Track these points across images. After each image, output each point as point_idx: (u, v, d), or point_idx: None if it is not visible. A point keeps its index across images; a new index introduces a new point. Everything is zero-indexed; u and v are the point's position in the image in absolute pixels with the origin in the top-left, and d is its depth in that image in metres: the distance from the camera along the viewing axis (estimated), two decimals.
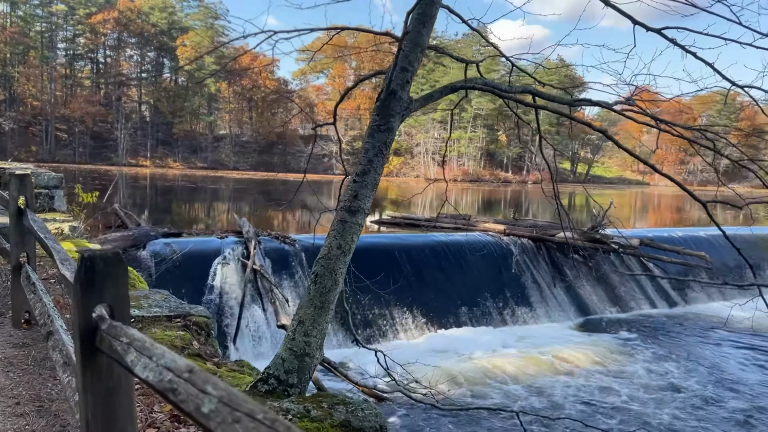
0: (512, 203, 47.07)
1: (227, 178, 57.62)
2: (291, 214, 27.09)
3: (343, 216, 3.15)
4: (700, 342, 12.55)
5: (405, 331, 11.50)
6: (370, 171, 3.21)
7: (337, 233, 3.13)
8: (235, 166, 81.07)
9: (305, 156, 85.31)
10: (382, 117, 3.20)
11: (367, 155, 3.17)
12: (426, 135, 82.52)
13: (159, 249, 10.26)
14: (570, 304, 13.81)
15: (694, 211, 46.59)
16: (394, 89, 3.22)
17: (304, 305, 2.99)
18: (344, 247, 3.12)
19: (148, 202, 27.49)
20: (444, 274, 12.81)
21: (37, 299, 3.01)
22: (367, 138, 3.20)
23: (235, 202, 32.56)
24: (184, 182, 46.23)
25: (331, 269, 3.06)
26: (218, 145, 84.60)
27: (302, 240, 11.95)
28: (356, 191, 3.15)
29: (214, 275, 10.32)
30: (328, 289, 3.06)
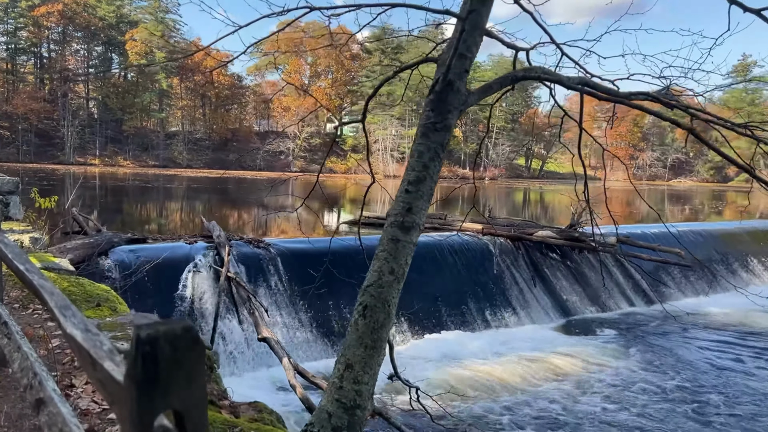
0: (470, 200, 47.09)
1: (181, 177, 55.92)
2: (247, 214, 26.19)
3: (395, 233, 2.59)
4: (683, 341, 12.43)
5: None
6: (425, 178, 2.65)
7: (388, 255, 2.57)
8: (189, 164, 78.99)
9: (260, 152, 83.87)
10: (438, 113, 2.64)
11: (421, 159, 2.61)
12: (384, 132, 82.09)
13: (123, 257, 9.45)
14: (551, 305, 13.52)
15: (643, 205, 47.59)
16: (451, 80, 2.67)
17: (352, 345, 2.43)
18: (397, 272, 2.56)
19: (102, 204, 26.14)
20: (425, 276, 12.33)
21: (14, 346, 2.33)
22: (419, 138, 2.64)
23: (195, 203, 31.41)
24: (137, 182, 44.55)
25: (384, 299, 2.50)
26: (170, 143, 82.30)
27: (277, 244, 11.29)
28: (409, 203, 2.60)
29: (185, 285, 9.56)
30: (381, 324, 2.50)
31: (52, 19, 75.09)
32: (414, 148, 2.67)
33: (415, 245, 2.66)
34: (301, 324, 10.27)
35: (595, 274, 15.05)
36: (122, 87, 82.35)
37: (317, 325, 10.42)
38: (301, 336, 10.10)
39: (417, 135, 2.68)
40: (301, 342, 10.01)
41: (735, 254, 18.98)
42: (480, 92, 2.79)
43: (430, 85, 2.74)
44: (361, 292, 2.58)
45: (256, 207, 29.96)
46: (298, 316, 10.33)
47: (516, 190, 64.36)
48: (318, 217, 25.37)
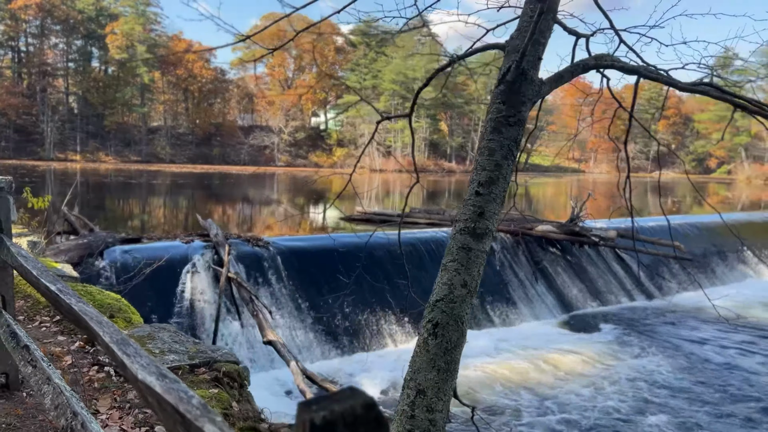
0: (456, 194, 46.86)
1: (165, 173, 55.14)
2: (231, 209, 25.75)
3: (466, 241, 2.31)
4: (686, 337, 12.31)
5: (391, 336, 10.71)
6: (498, 179, 2.37)
7: (459, 266, 2.29)
8: (172, 159, 77.95)
9: (244, 147, 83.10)
10: (510, 105, 2.36)
11: (493, 158, 2.34)
12: (370, 126, 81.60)
13: (118, 258, 9.08)
14: (553, 300, 13.34)
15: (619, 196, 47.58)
16: (525, 68, 2.39)
17: (422, 368, 2.15)
18: (470, 285, 2.29)
19: (87, 202, 25.54)
20: (427, 273, 12.06)
21: (41, 376, 2.02)
22: (489, 134, 2.36)
23: (183, 199, 30.86)
24: (120, 178, 43.79)
25: (456, 316, 2.23)
26: (153, 138, 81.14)
27: (276, 242, 10.96)
28: (482, 207, 2.32)
29: (183, 286, 9.22)
30: (455, 344, 2.22)
31: (30, 12, 73.51)
32: (483, 146, 2.39)
33: (487, 254, 2.39)
34: (303, 324, 9.98)
35: (594, 269, 14.92)
36: (103, 81, 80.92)
37: (319, 325, 10.13)
38: (302, 336, 9.81)
39: (486, 130, 2.40)
40: (304, 343, 9.72)
41: (730, 247, 18.96)
42: (552, 82, 2.52)
43: (499, 73, 2.46)
44: (429, 307, 2.30)
45: (245, 203, 29.53)
46: (299, 317, 10.03)
47: None
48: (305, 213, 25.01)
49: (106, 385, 3.11)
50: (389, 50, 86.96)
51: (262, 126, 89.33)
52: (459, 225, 2.37)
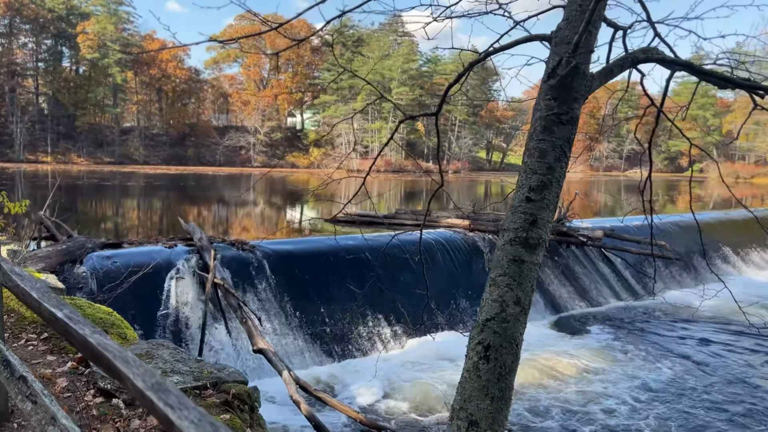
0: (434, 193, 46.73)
1: (139, 174, 54.19)
2: (210, 211, 25.28)
3: (518, 253, 2.08)
4: (676, 337, 12.28)
5: (382, 341, 10.47)
6: (551, 183, 2.15)
7: (511, 280, 2.06)
8: (146, 160, 76.68)
9: (219, 148, 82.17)
10: (562, 102, 2.15)
11: (544, 159, 2.11)
12: (347, 125, 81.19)
13: (99, 264, 8.70)
14: (542, 302, 13.22)
15: (599, 195, 48.10)
16: (577, 62, 2.17)
17: (474, 395, 1.92)
18: (524, 302, 2.06)
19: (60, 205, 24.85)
20: (416, 275, 11.85)
21: (44, 415, 1.73)
22: (540, 134, 2.14)
23: (160, 201, 30.23)
24: (94, 179, 42.85)
25: (510, 337, 2.00)
26: (126, 139, 79.73)
27: (262, 246, 10.65)
28: (534, 215, 2.09)
29: (167, 293, 8.87)
30: (509, 368, 1.99)
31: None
32: (533, 146, 2.17)
33: (539, 266, 2.17)
34: (292, 331, 9.69)
35: (581, 269, 14.86)
36: (74, 81, 79.31)
37: (309, 332, 9.85)
38: (292, 343, 9.53)
39: (535, 130, 2.17)
40: (293, 350, 9.43)
41: (712, 245, 19.09)
42: (602, 76, 2.32)
43: (548, 67, 2.23)
44: (478, 327, 2.07)
45: (224, 205, 29.05)
46: (288, 323, 9.74)
47: (478, 183, 64.51)
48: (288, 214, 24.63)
49: (105, 411, 2.83)
50: (365, 50, 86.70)
51: (238, 126, 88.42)
52: (508, 235, 2.14)
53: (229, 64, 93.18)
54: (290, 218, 23.79)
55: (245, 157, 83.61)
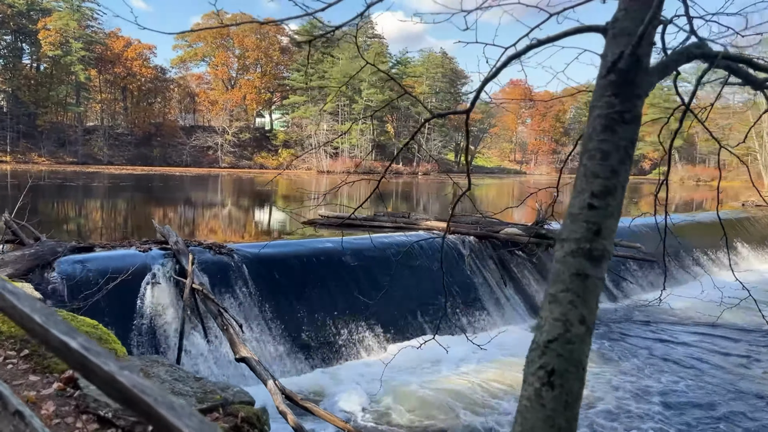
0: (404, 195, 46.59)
1: (103, 174, 52.90)
2: (181, 213, 24.72)
3: (581, 266, 1.88)
4: (655, 338, 12.32)
5: (365, 347, 10.23)
6: (615, 189, 1.95)
7: (575, 297, 1.85)
8: (110, 160, 75.02)
9: (186, 148, 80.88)
10: (625, 99, 1.96)
11: (607, 162, 1.92)
12: (317, 127, 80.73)
13: (70, 269, 8.27)
14: (522, 305, 13.15)
15: (564, 197, 48.67)
16: (640, 56, 1.98)
17: (537, 427, 1.70)
18: (589, 321, 1.86)
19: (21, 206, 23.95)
20: (397, 279, 11.65)
21: None
22: (600, 134, 1.94)
23: (127, 202, 29.43)
24: (57, 180, 41.61)
25: (576, 361, 1.80)
26: (89, 138, 77.88)
27: (240, 249, 10.32)
28: (598, 223, 1.89)
29: (143, 299, 8.48)
30: (575, 396, 1.79)
31: None
32: (593, 147, 1.97)
33: (604, 281, 1.97)
34: (273, 337, 9.38)
35: None
36: (35, 79, 77.12)
37: (290, 338, 9.56)
38: (273, 350, 9.22)
39: (594, 129, 1.98)
40: (274, 357, 9.13)
41: (684, 247, 19.33)
42: (658, 72, 2.14)
43: (605, 61, 2.04)
44: (538, 349, 1.85)
45: (194, 206, 28.43)
46: (268, 329, 9.43)
47: (447, 185, 64.64)
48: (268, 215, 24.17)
49: None
50: (335, 51, 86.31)
51: (205, 126, 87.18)
52: (569, 245, 1.93)
53: (196, 63, 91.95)
54: (265, 220, 23.37)
55: (213, 158, 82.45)
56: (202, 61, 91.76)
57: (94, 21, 79.23)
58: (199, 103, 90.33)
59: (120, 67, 80.00)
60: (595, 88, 2.09)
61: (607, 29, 2.14)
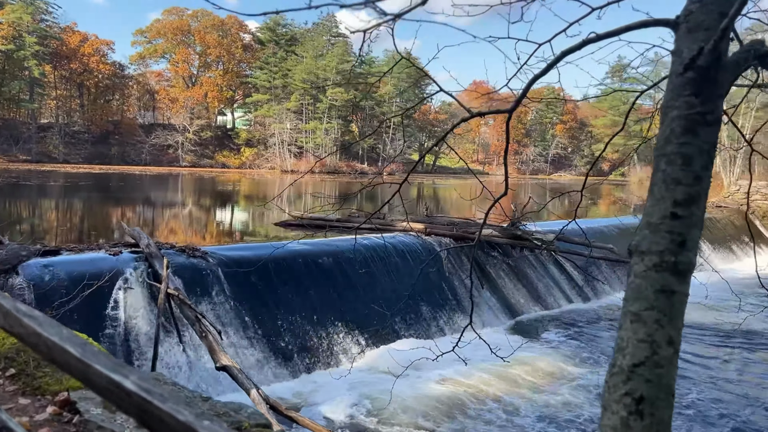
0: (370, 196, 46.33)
1: (59, 173, 51.24)
2: (145, 213, 24.01)
3: (666, 282, 1.70)
4: None
5: (344, 352, 9.99)
6: (700, 197, 1.79)
7: (661, 315, 1.67)
8: (66, 158, 72.78)
9: (145, 146, 79.14)
10: (706, 99, 1.80)
11: (690, 168, 1.75)
12: (281, 125, 79.86)
13: (37, 273, 7.83)
14: (499, 306, 13.09)
15: (524, 197, 49.10)
16: (721, 52, 1.83)
17: None
18: (676, 341, 1.69)
19: None
20: (375, 282, 11.46)
21: None
22: (681, 136, 1.78)
23: (87, 202, 28.46)
24: (12, 178, 40.08)
25: (666, 387, 1.62)
26: (44, 136, 75.43)
27: (215, 252, 9.97)
28: (682, 234, 1.72)
29: (115, 304, 8.09)
30: (666, 425, 1.62)
31: None
32: (673, 151, 1.80)
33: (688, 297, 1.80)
34: (251, 343, 9.07)
35: (534, 272, 14.86)
36: None
37: (269, 344, 9.26)
38: (251, 357, 8.91)
39: (673, 131, 1.81)
40: (253, 364, 8.82)
41: None
42: (731, 70, 1.99)
43: (680, 58, 1.87)
44: (622, 374, 1.67)
45: (157, 206, 27.68)
46: (246, 334, 9.12)
47: (412, 185, 64.60)
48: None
49: None
50: (299, 49, 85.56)
51: (165, 124, 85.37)
52: (651, 258, 1.76)
53: (156, 60, 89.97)
54: (235, 221, 22.85)
55: (173, 156, 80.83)
56: (162, 58, 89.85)
57: (48, 15, 76.82)
58: (159, 100, 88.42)
59: (76, 63, 77.71)
60: (669, 87, 1.92)
61: (679, 23, 1.98)
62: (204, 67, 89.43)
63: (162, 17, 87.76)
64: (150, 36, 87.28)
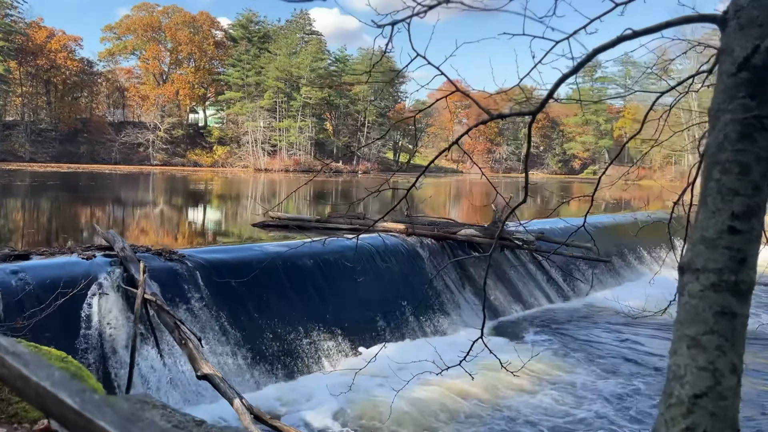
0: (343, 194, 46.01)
1: (26, 172, 49.99)
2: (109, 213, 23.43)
3: (726, 303, 1.54)
4: (613, 337, 12.40)
5: (327, 356, 9.77)
6: (759, 208, 1.63)
7: (722, 341, 1.51)
8: (32, 157, 71.08)
9: (115, 145, 77.74)
10: (763, 101, 1.64)
11: (748, 177, 1.60)
12: (254, 123, 79.02)
13: (5, 279, 7.46)
14: (481, 307, 12.97)
15: (498, 198, 49.05)
16: None
17: None
18: (739, 369, 1.54)
19: None
20: (358, 284, 11.24)
21: None
22: (737, 142, 1.62)
23: (55, 203, 27.70)
24: None
25: (731, 420, 1.47)
26: (10, 134, 73.59)
27: (193, 255, 9.66)
28: (743, 250, 1.57)
29: (89, 311, 7.76)
30: None
31: None
32: (728, 159, 1.64)
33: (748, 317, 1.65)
34: (231, 349, 8.80)
35: (514, 272, 14.79)
36: None
37: (249, 349, 9.00)
38: (232, 364, 8.64)
39: (727, 137, 1.65)
40: (234, 371, 8.55)
41: (627, 246, 19.75)
42: None
43: (731, 57, 1.72)
44: (681, 406, 1.51)
45: (129, 206, 27.06)
46: (226, 340, 8.84)
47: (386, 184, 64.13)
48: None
49: None
50: (272, 47, 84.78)
51: (135, 122, 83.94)
52: (707, 277, 1.59)
53: (125, 57, 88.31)
54: (211, 222, 22.40)
55: (144, 155, 79.53)
56: (132, 55, 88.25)
57: (14, 10, 74.86)
58: (129, 98, 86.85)
59: (43, 59, 75.90)
60: (720, 88, 1.76)
61: (727, 19, 1.82)
62: (175, 64, 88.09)
63: (132, 13, 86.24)
64: (119, 32, 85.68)
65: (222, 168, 78.29)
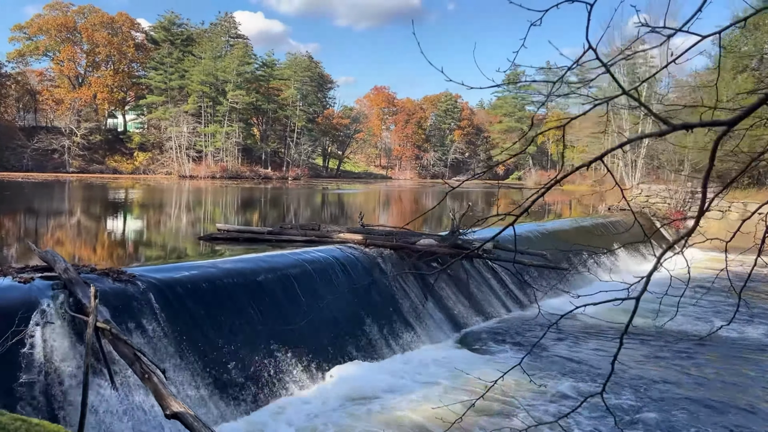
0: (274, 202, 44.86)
1: None
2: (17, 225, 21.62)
3: None
4: (571, 345, 12.30)
5: (293, 380, 9.06)
6: None
7: None
8: None
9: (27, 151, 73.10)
10: None
11: None
12: (178, 128, 76.18)
13: None
14: (443, 319, 12.59)
15: (429, 202, 49.36)
16: None
17: None
18: None
19: None
20: (320, 299, 10.60)
21: None
22: None
23: None
24: None
25: None
26: None
27: (144, 275, 8.75)
28: None
29: (32, 343, 6.77)
30: None
31: None
32: None
33: None
34: (192, 378, 7.98)
35: (472, 281, 14.52)
36: None
37: (211, 377, 8.19)
38: (194, 394, 7.82)
39: None
40: (197, 402, 7.74)
41: (573, 252, 19.93)
42: None
43: None
44: None
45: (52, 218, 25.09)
46: (186, 368, 8.01)
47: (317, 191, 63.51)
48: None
49: None
50: (196, 50, 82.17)
51: (49, 127, 79.25)
52: None
53: (37, 58, 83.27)
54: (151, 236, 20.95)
55: (59, 162, 75.15)
56: (45, 56, 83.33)
57: None
58: (42, 101, 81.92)
59: None
60: None
61: None
62: (92, 67, 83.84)
63: (44, 12, 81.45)
64: (30, 32, 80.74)
65: (144, 175, 75.01)
